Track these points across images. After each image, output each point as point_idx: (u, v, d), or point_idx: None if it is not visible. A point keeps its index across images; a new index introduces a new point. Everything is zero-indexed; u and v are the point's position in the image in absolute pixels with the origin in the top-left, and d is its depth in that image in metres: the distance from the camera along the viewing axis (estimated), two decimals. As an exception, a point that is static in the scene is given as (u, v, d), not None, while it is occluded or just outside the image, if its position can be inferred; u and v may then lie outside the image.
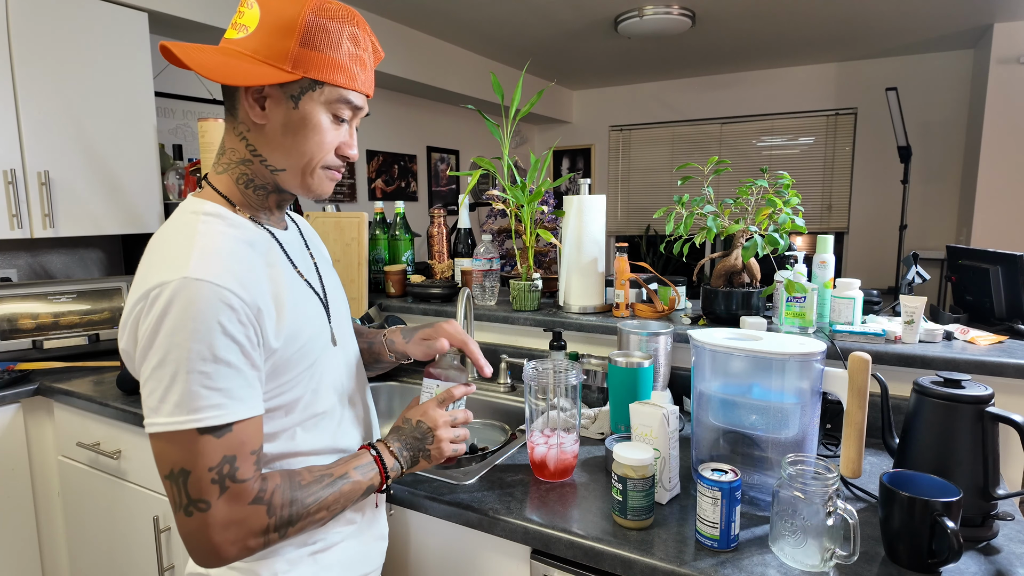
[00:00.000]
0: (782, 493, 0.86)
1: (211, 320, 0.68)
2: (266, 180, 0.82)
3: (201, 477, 0.69)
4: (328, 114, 0.80)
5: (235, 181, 0.82)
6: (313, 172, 0.81)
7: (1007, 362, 1.22)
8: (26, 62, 1.88)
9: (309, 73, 0.76)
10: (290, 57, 0.75)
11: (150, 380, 0.69)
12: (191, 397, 0.68)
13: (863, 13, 3.53)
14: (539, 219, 1.87)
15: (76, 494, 1.76)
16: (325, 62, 0.76)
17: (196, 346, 0.68)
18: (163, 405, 0.68)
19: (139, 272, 0.75)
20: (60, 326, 1.94)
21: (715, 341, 1.04)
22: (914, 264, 1.71)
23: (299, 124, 0.78)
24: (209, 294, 0.69)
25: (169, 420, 0.68)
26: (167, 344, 0.68)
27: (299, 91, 0.77)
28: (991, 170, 3.78)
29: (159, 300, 0.68)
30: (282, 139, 0.79)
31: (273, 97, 0.77)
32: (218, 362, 0.69)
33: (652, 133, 5.61)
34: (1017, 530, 0.95)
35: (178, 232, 0.76)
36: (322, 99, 0.78)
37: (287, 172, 0.81)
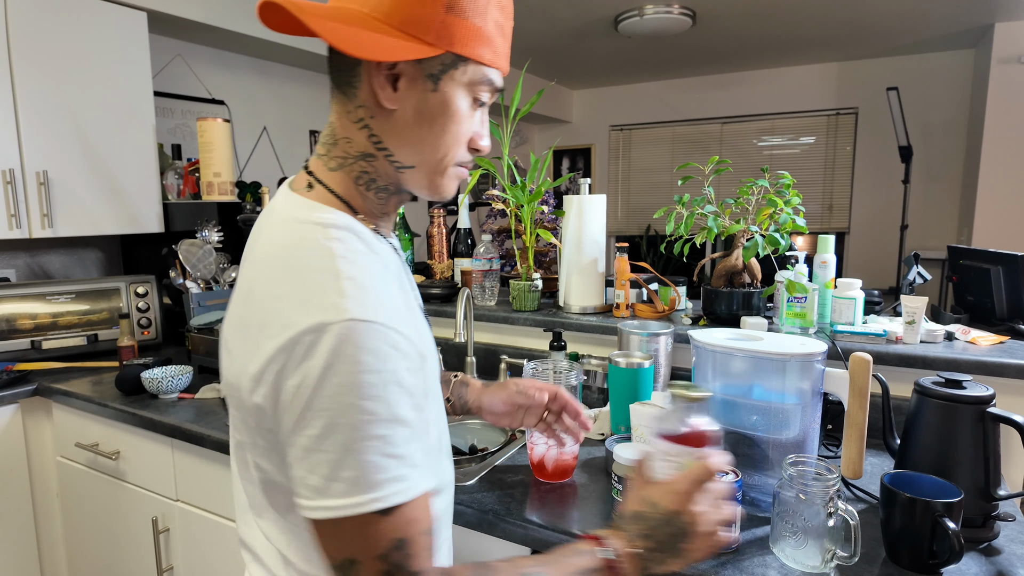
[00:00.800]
0: (783, 494, 0.86)
1: (387, 371, 0.54)
2: (390, 180, 0.67)
3: (371, 568, 0.55)
4: (468, 98, 0.65)
5: (354, 181, 0.66)
6: (446, 170, 0.67)
7: (1008, 363, 1.22)
8: (25, 61, 1.88)
9: (454, 47, 0.61)
10: (434, 26, 0.60)
11: (313, 452, 0.54)
12: (369, 470, 0.53)
13: (864, 13, 3.53)
14: (539, 219, 1.87)
15: (75, 495, 1.76)
16: (472, 33, 0.61)
17: (373, 405, 0.53)
18: (333, 484, 0.53)
19: (258, 301, 0.59)
20: (59, 326, 1.93)
21: (716, 341, 1.04)
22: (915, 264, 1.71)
23: (437, 110, 0.63)
24: (381, 338, 0.54)
25: (342, 503, 0.53)
26: (335, 405, 0.53)
27: (440, 69, 0.62)
28: (992, 170, 3.77)
29: (318, 349, 0.53)
30: (415, 129, 0.64)
31: (408, 76, 0.62)
32: (396, 422, 0.55)
33: (652, 133, 5.60)
34: (1018, 531, 0.94)
35: (309, 250, 0.59)
36: (465, 79, 0.64)
37: (416, 170, 0.66)
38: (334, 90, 0.65)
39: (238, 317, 0.62)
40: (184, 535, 1.52)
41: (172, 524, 1.53)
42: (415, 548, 0.56)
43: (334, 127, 0.66)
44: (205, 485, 1.44)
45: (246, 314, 0.60)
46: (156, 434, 1.50)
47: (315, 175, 0.67)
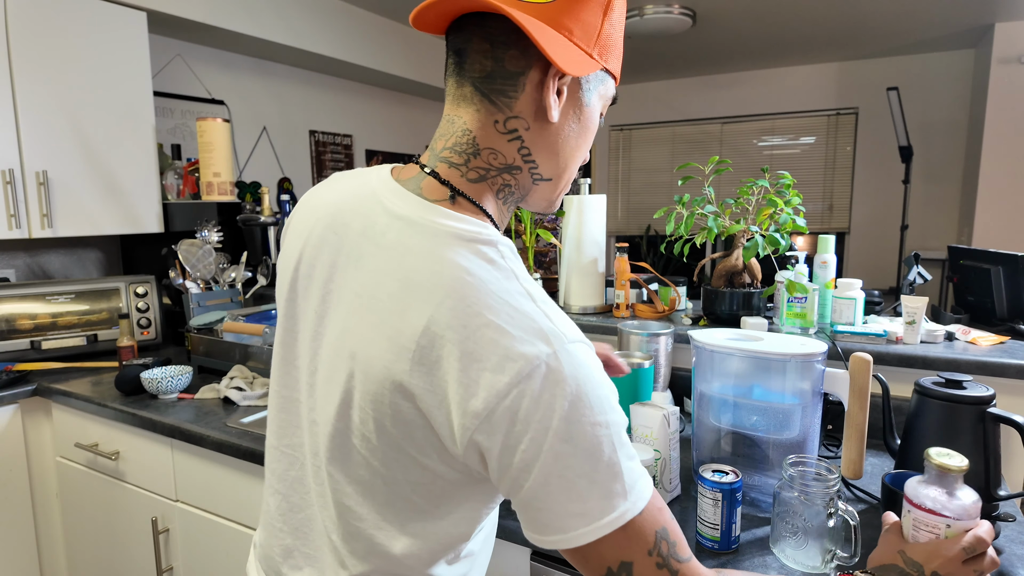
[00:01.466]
0: (783, 494, 0.86)
1: (608, 386, 0.55)
2: (523, 192, 0.64)
3: (644, 565, 0.54)
4: (599, 113, 0.65)
5: (495, 194, 0.62)
6: (566, 179, 0.66)
7: (1008, 363, 1.22)
8: (24, 61, 1.88)
9: (607, 62, 0.61)
10: (597, 38, 0.58)
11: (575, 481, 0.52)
12: (629, 475, 0.54)
13: (864, 13, 3.53)
14: (539, 219, 1.87)
15: (74, 495, 1.76)
16: (613, 48, 0.61)
17: (614, 416, 0.54)
18: (605, 501, 0.52)
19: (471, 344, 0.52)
20: (58, 326, 1.93)
21: (716, 342, 1.04)
22: (915, 264, 1.71)
23: (585, 124, 0.63)
24: (591, 356, 0.55)
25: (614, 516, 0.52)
26: (586, 431, 0.52)
27: (593, 85, 0.62)
28: (992, 170, 3.77)
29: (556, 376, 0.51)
30: (564, 142, 0.62)
31: (570, 88, 0.60)
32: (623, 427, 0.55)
33: (652, 133, 5.60)
34: (1018, 531, 0.94)
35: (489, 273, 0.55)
36: (601, 92, 0.63)
37: (551, 182, 0.64)
38: (479, 97, 0.59)
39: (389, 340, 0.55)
40: (184, 535, 1.52)
41: (172, 524, 1.53)
42: (675, 536, 0.56)
43: (474, 136, 0.60)
44: (205, 485, 1.44)
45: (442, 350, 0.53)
46: (156, 434, 1.50)
47: (453, 185, 0.60)
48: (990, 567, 0.67)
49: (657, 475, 1.00)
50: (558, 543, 0.54)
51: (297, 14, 2.91)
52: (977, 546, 0.67)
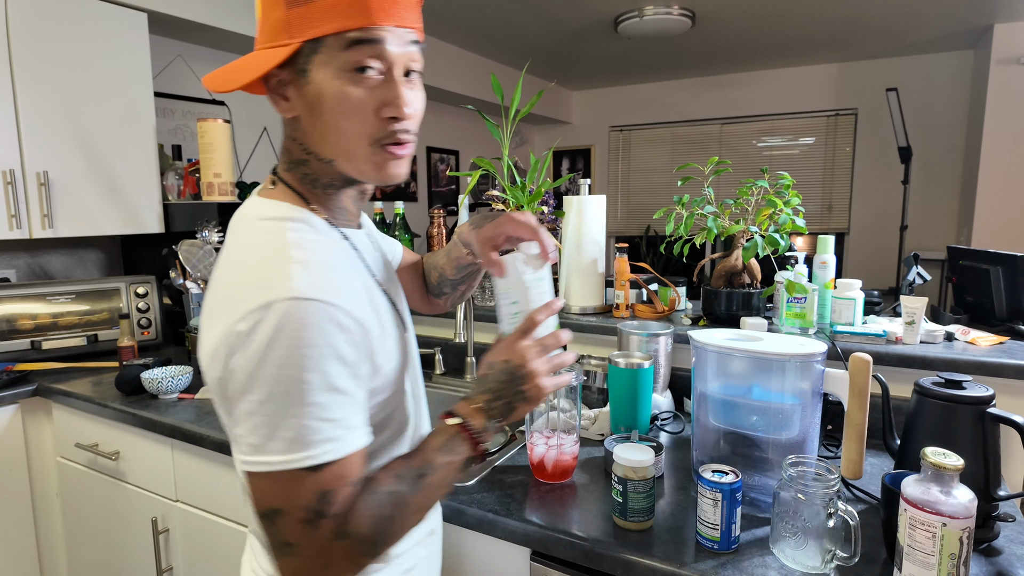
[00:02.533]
0: (783, 494, 0.86)
1: (325, 345, 0.60)
2: (330, 176, 0.71)
3: (291, 516, 0.60)
4: (345, 73, 0.63)
5: (300, 181, 0.72)
6: (361, 154, 0.67)
7: (1008, 363, 1.22)
8: (25, 62, 1.88)
9: (305, 34, 0.62)
10: (282, 27, 0.63)
11: (254, 415, 0.59)
12: (305, 432, 0.59)
13: (863, 13, 3.53)
14: (539, 219, 1.87)
15: (75, 495, 1.76)
16: (317, 11, 0.62)
17: (311, 376, 0.59)
18: (271, 443, 0.59)
19: (220, 291, 0.65)
20: (59, 327, 1.93)
21: (715, 342, 1.04)
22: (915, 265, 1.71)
23: (318, 101, 0.64)
24: (322, 315, 0.60)
25: (279, 459, 0.59)
26: (276, 376, 0.58)
27: (304, 62, 0.64)
28: (992, 171, 3.77)
29: (262, 326, 0.59)
30: (314, 126, 0.66)
31: (290, 82, 0.66)
32: (332, 391, 0.60)
33: (652, 133, 5.61)
34: (1018, 531, 0.94)
35: (265, 243, 0.65)
36: (330, 58, 0.63)
37: (338, 161, 0.68)
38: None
39: (207, 309, 0.67)
40: (184, 535, 1.52)
41: (172, 524, 1.53)
42: (337, 497, 0.61)
43: (284, 136, 0.73)
44: (205, 485, 1.44)
45: (210, 305, 0.66)
46: (156, 434, 1.50)
47: (278, 174, 0.74)
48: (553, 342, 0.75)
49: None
50: (239, 465, 0.62)
51: (297, 15, 2.91)
52: (528, 325, 0.74)
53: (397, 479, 0.66)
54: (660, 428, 1.37)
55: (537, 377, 0.73)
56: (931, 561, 0.73)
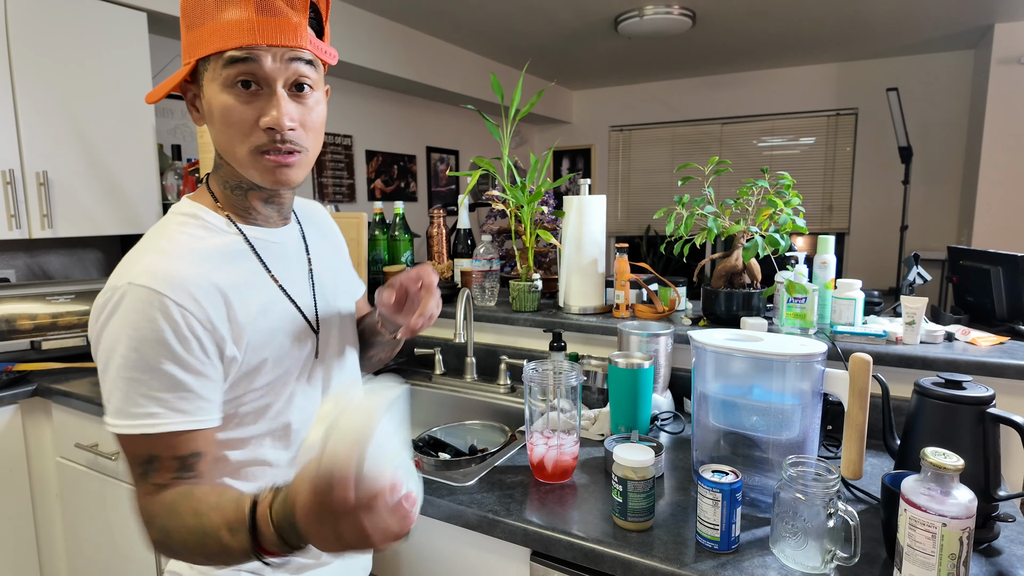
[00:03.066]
0: (783, 495, 0.86)
1: (148, 329, 0.68)
2: (238, 179, 0.79)
3: (131, 467, 0.71)
4: (228, 88, 0.70)
5: (221, 185, 0.80)
6: (244, 160, 0.74)
7: (1008, 363, 1.22)
8: (25, 62, 1.88)
9: (196, 53, 0.70)
10: (185, 47, 0.72)
11: (102, 381, 0.71)
12: (128, 403, 0.68)
13: (864, 13, 3.53)
14: (539, 219, 1.87)
15: (74, 495, 1.76)
16: (204, 34, 0.69)
17: (132, 354, 0.68)
18: (108, 406, 0.70)
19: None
20: (58, 327, 1.93)
21: (716, 342, 1.04)
22: (915, 265, 1.71)
23: (210, 111, 0.73)
24: (150, 302, 0.68)
25: (112, 422, 0.69)
26: (109, 349, 0.68)
27: (200, 77, 0.73)
28: (992, 171, 3.77)
29: (107, 304, 0.69)
30: (213, 133, 0.75)
31: (196, 95, 0.75)
32: (154, 372, 0.68)
33: (652, 133, 5.61)
34: (1018, 532, 0.94)
35: (151, 234, 0.76)
36: (215, 75, 0.71)
37: (234, 166, 0.76)
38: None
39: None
40: (184, 536, 1.52)
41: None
42: (161, 465, 0.70)
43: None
44: (205, 486, 1.44)
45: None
46: (156, 434, 1.50)
47: (207, 177, 0.83)
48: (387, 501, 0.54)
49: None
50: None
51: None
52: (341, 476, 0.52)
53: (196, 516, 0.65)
54: (660, 428, 1.37)
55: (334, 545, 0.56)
56: (931, 561, 0.73)
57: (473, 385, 1.76)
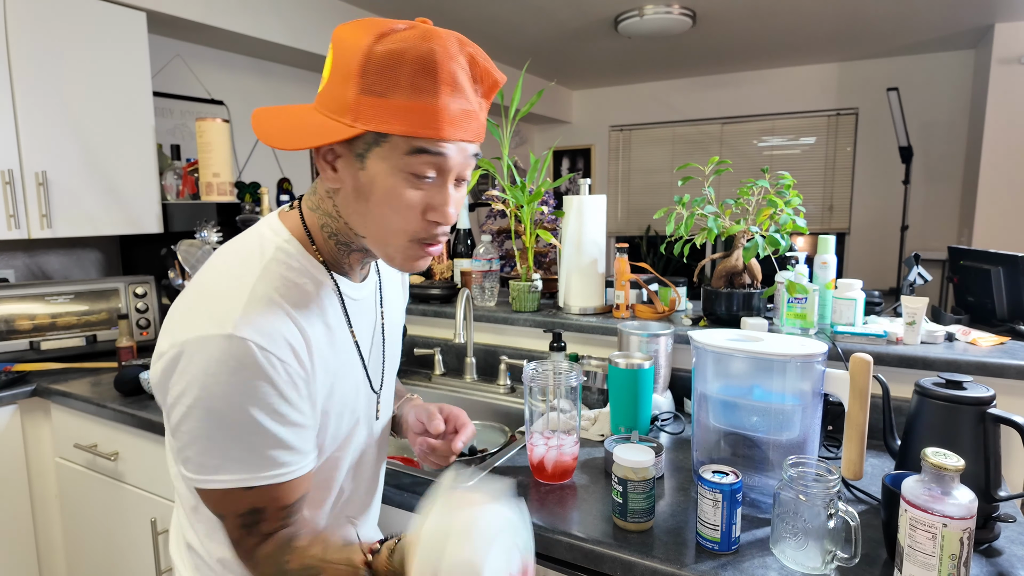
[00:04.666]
0: (783, 495, 0.86)
1: (252, 384, 0.64)
2: (350, 239, 0.73)
3: (232, 523, 0.70)
4: (403, 173, 0.65)
5: (320, 228, 0.74)
6: (396, 246, 0.69)
7: (1009, 363, 1.22)
8: (24, 61, 1.88)
9: (371, 125, 0.62)
10: (351, 108, 0.63)
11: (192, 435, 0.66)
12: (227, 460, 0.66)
13: (864, 13, 3.53)
14: (539, 219, 1.86)
15: (74, 496, 1.76)
16: (390, 108, 0.62)
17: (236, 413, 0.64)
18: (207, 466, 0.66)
19: (191, 292, 0.69)
20: (58, 327, 1.93)
21: (716, 342, 1.04)
22: (915, 265, 1.71)
23: (368, 189, 0.66)
24: (255, 356, 0.63)
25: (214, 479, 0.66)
26: (206, 405, 0.64)
27: (364, 148, 0.65)
28: (993, 170, 3.77)
29: (199, 357, 0.63)
30: (356, 205, 0.68)
31: (343, 157, 0.67)
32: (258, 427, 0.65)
33: (652, 133, 5.60)
34: (1019, 532, 0.94)
35: (243, 259, 0.70)
36: (392, 155, 0.64)
37: (367, 239, 0.71)
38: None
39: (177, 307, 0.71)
40: (183, 536, 1.51)
41: (170, 525, 1.53)
42: (267, 515, 0.70)
43: (319, 182, 0.73)
44: (204, 486, 1.44)
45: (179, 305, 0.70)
46: (155, 435, 1.50)
47: (301, 207, 0.75)
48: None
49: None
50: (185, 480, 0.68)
51: (297, 14, 2.91)
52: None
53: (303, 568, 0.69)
54: (660, 429, 1.37)
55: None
56: (931, 562, 0.73)
57: (473, 385, 1.76)
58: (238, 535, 0.70)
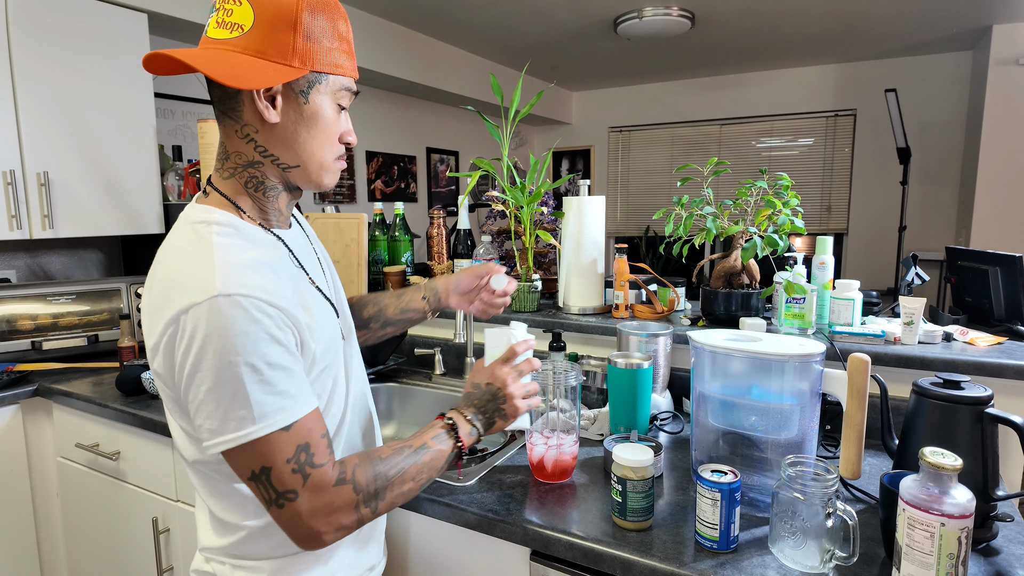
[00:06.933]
0: (782, 494, 0.86)
1: (256, 331, 0.68)
2: (278, 179, 0.82)
3: (282, 470, 0.70)
4: (334, 104, 0.80)
5: (244, 185, 0.80)
6: (328, 165, 0.82)
7: (1006, 363, 1.22)
8: (25, 63, 1.88)
9: (314, 66, 0.76)
10: (295, 52, 0.74)
11: (207, 403, 0.69)
12: (257, 407, 0.68)
13: (862, 14, 3.53)
14: (538, 220, 1.87)
15: (75, 495, 1.76)
16: (327, 52, 0.77)
17: (249, 359, 0.68)
18: (228, 423, 0.68)
19: (156, 290, 0.73)
20: (59, 327, 1.93)
21: (714, 342, 1.04)
22: (913, 265, 1.71)
23: (311, 119, 0.78)
24: (246, 306, 0.68)
25: (239, 435, 0.68)
26: (218, 365, 0.67)
27: (307, 85, 0.77)
28: (990, 171, 3.78)
29: (195, 324, 0.67)
30: (295, 136, 0.78)
31: (282, 94, 0.76)
32: (273, 368, 0.69)
33: (651, 134, 5.61)
34: (1017, 531, 0.95)
35: (193, 246, 0.74)
36: (328, 90, 0.79)
37: (301, 168, 0.81)
38: (220, 116, 0.79)
39: (146, 307, 0.76)
40: (184, 535, 1.52)
41: (172, 524, 1.54)
42: (316, 448, 0.72)
43: (224, 146, 0.80)
44: (205, 486, 1.44)
45: (148, 304, 0.75)
46: (156, 434, 1.50)
47: (212, 184, 0.82)
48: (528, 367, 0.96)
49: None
50: (207, 450, 0.70)
51: (297, 15, 2.91)
52: (508, 354, 0.96)
53: (394, 450, 0.81)
54: (659, 428, 1.38)
55: (514, 399, 0.93)
56: (929, 561, 0.74)
57: (473, 385, 1.76)
58: (294, 481, 0.70)
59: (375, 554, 0.98)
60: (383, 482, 0.77)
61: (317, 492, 0.72)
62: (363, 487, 0.75)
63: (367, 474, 0.76)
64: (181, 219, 0.79)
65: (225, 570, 0.85)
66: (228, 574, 0.85)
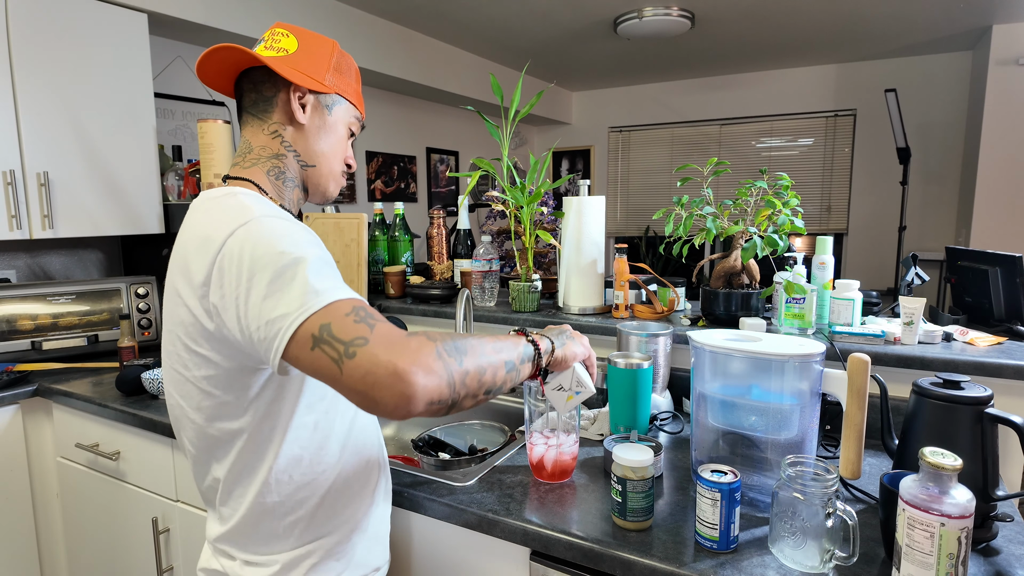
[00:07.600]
0: (781, 494, 0.86)
1: (298, 231, 0.76)
2: (295, 174, 0.92)
3: (343, 322, 0.68)
4: (346, 127, 0.96)
5: (266, 173, 0.90)
6: (335, 173, 0.96)
7: (1006, 363, 1.22)
8: (25, 63, 1.88)
9: (339, 91, 0.94)
10: (327, 76, 0.92)
11: (268, 298, 0.70)
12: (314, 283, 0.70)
13: (862, 14, 3.53)
14: (538, 220, 1.87)
15: (75, 495, 1.76)
16: (349, 86, 0.95)
17: (299, 252, 0.73)
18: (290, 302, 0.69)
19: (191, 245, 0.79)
20: (59, 327, 1.93)
21: (714, 342, 1.04)
22: (913, 265, 1.71)
23: (331, 129, 0.94)
24: (284, 218, 0.78)
25: (301, 310, 0.68)
26: (273, 260, 0.72)
27: (332, 103, 0.93)
28: (990, 171, 3.78)
29: (242, 241, 0.74)
30: (316, 139, 0.92)
31: (312, 104, 0.91)
32: (323, 262, 0.74)
33: (651, 134, 5.61)
34: (1016, 531, 0.95)
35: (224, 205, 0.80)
36: (345, 114, 0.96)
37: (316, 168, 0.93)
38: (250, 118, 0.91)
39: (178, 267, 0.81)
40: (184, 535, 1.52)
41: (172, 524, 1.54)
42: (369, 311, 0.71)
43: (248, 142, 0.91)
44: (205, 486, 1.45)
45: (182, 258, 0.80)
46: (156, 434, 1.50)
47: (230, 175, 0.90)
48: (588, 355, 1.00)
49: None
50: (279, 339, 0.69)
51: (297, 16, 2.92)
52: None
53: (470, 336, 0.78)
54: (659, 428, 1.38)
55: (582, 337, 1.00)
56: (929, 561, 0.74)
57: (473, 385, 1.76)
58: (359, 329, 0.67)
59: (380, 555, 0.98)
60: (460, 343, 0.73)
61: (387, 336, 0.67)
62: (438, 338, 0.71)
63: (439, 336, 0.72)
64: (201, 198, 0.85)
65: (235, 566, 0.85)
66: (238, 571, 0.84)
